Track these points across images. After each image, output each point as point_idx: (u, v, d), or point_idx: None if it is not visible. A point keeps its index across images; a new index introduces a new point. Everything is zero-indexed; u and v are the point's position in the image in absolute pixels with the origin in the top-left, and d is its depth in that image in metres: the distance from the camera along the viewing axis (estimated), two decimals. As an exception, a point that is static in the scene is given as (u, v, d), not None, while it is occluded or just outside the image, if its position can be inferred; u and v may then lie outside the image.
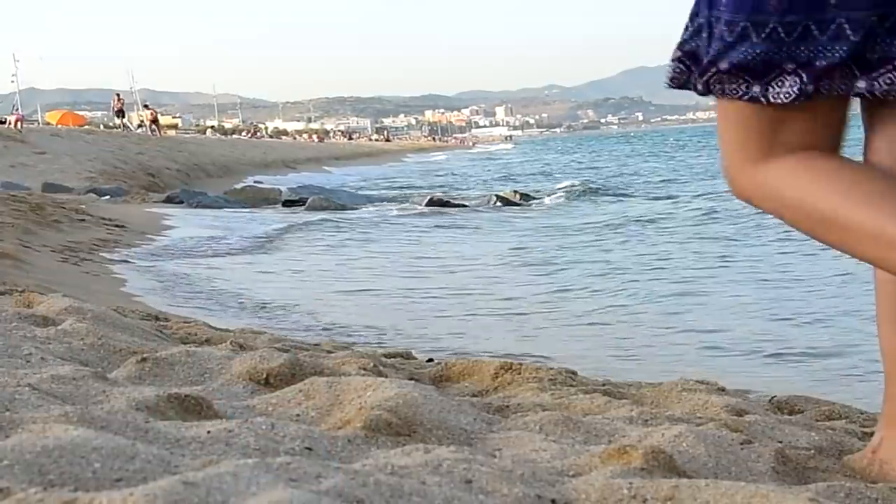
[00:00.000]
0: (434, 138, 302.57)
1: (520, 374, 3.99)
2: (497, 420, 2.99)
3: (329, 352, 4.69)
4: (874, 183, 2.74)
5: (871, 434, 3.30)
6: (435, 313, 9.78)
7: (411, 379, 3.80)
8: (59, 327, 4.16)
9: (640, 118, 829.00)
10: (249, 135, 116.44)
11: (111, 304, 5.79)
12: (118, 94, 67.10)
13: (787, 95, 2.70)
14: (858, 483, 2.31)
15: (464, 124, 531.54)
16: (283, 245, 16.76)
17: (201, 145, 59.58)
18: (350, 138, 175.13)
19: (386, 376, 3.63)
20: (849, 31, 2.61)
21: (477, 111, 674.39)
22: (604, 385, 4.20)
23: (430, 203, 26.30)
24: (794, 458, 2.63)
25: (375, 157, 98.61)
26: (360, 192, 32.79)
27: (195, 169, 44.48)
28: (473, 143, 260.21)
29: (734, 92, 2.75)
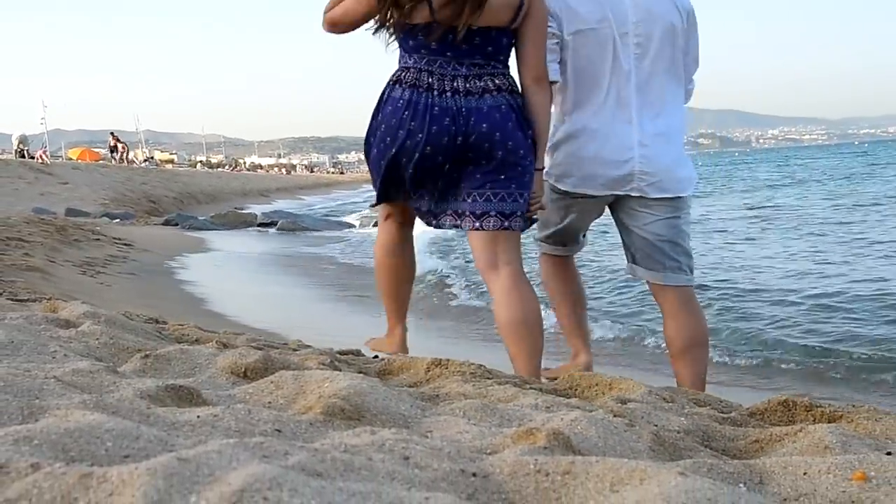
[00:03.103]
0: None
1: (447, 368, 3.98)
2: (429, 407, 2.99)
3: (294, 350, 4.67)
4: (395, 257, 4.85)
5: (729, 419, 3.35)
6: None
7: (360, 372, 3.79)
8: (79, 329, 4.12)
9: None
10: (231, 168, 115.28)
11: (120, 310, 5.75)
12: (112, 133, 66.25)
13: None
14: (718, 460, 2.33)
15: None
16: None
17: (192, 177, 59.01)
18: (311, 171, 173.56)
19: (340, 370, 3.63)
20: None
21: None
22: (514, 378, 4.21)
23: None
24: (667, 439, 2.64)
25: (333, 187, 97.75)
26: (321, 218, 32.43)
27: (188, 197, 44.16)
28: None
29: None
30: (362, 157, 4.70)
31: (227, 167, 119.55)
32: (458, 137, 4.19)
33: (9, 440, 1.76)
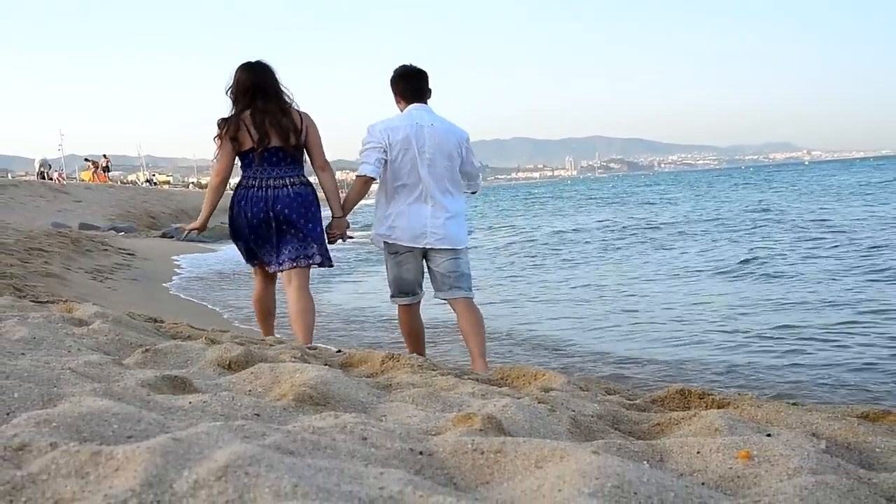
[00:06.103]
0: (342, 192, 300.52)
1: (399, 361, 3.98)
2: (383, 394, 2.99)
3: (271, 345, 4.66)
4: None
5: (635, 405, 3.37)
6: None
7: (326, 365, 3.79)
8: (90, 327, 4.09)
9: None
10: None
11: (124, 311, 5.71)
12: (104, 155, 64.58)
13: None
14: (625, 441, 2.35)
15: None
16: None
17: (186, 196, 58.28)
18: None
19: (309, 363, 3.62)
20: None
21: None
22: (454, 370, 4.21)
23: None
24: (583, 423, 2.66)
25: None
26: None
27: (181, 213, 43.59)
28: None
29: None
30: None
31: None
32: (270, 213, 5.87)
33: (31, 422, 1.75)
